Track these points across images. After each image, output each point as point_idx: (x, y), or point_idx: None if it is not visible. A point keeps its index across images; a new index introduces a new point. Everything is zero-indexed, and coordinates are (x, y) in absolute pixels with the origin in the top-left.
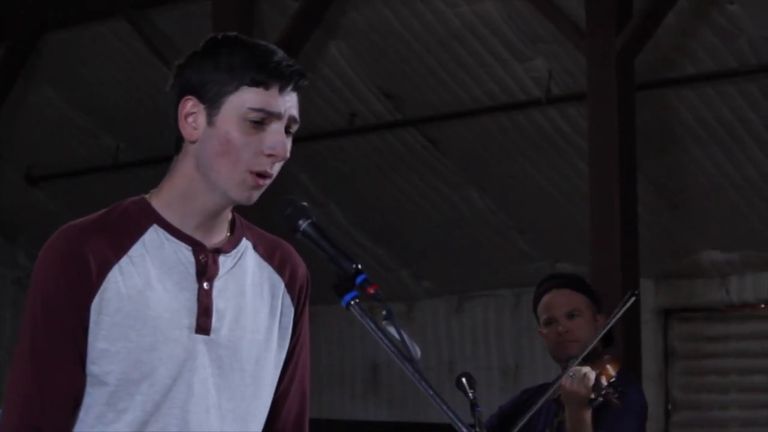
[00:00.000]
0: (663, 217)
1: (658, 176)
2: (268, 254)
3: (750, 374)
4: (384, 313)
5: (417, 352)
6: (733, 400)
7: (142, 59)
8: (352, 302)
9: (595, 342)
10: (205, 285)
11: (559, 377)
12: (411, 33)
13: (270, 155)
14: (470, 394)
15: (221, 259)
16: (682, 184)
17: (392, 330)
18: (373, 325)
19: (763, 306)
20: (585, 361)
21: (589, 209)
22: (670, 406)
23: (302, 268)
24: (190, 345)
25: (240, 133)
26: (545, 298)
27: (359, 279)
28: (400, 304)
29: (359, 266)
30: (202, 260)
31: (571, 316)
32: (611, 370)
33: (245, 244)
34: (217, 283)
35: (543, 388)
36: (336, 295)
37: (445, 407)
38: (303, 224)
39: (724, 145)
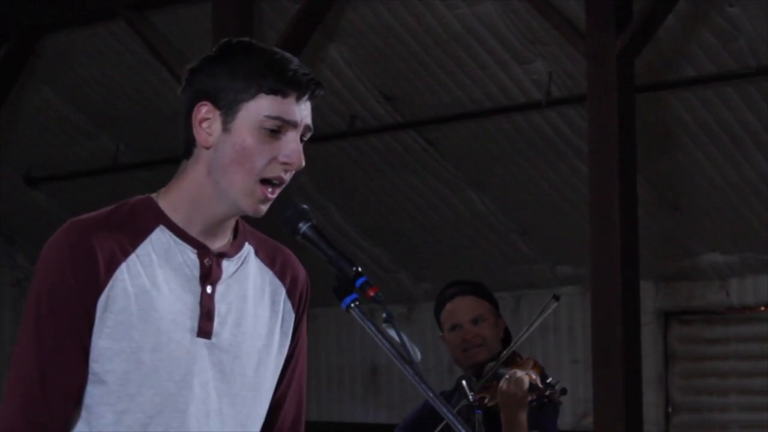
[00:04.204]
0: (663, 219)
1: (658, 178)
2: (269, 259)
3: (750, 377)
4: (384, 315)
5: (417, 354)
6: (733, 403)
7: (142, 61)
8: (353, 305)
9: (514, 346)
10: (208, 289)
11: (458, 385)
12: (411, 35)
13: (285, 163)
14: (470, 397)
15: (224, 263)
16: (682, 186)
17: (392, 332)
18: (373, 328)
19: (763, 308)
20: (505, 366)
21: (588, 211)
22: (670, 409)
23: (302, 274)
24: (192, 348)
25: (256, 141)
26: (449, 305)
27: (359, 281)
28: (399, 305)
29: (359, 269)
30: (207, 264)
31: (475, 321)
32: (538, 371)
33: (247, 249)
34: (220, 288)
35: (446, 395)
36: (336, 298)
37: (444, 409)
38: (303, 227)
39: (724, 147)
